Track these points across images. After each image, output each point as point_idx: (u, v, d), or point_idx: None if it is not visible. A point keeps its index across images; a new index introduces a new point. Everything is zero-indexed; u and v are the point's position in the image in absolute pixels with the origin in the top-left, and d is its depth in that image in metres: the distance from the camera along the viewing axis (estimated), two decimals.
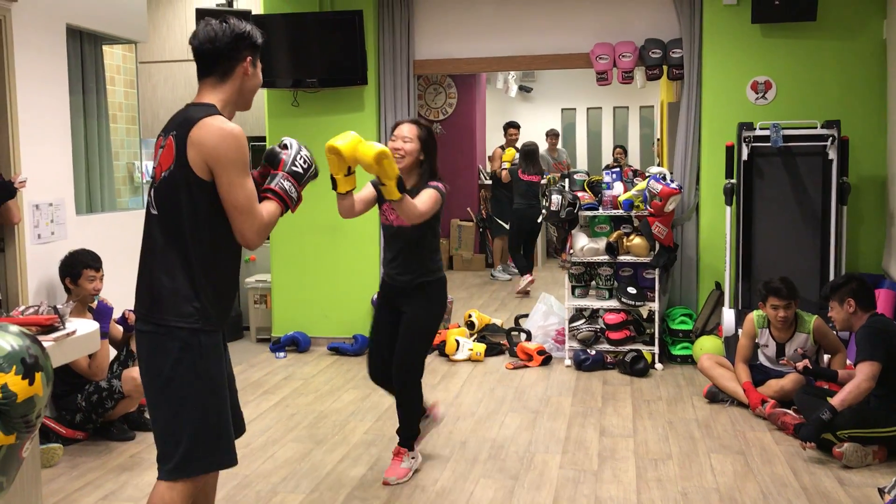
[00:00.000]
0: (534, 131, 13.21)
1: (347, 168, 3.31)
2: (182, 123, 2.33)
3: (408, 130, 3.67)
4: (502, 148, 9.65)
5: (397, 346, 3.72)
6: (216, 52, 2.39)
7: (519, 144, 9.88)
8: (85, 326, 1.92)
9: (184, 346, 2.29)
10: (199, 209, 2.32)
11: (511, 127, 9.85)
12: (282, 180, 2.44)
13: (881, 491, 3.44)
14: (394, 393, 3.89)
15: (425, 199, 3.52)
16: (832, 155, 5.37)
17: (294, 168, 2.48)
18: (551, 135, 11.08)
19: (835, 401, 3.96)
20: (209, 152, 2.27)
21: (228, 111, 2.42)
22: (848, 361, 4.71)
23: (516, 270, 9.18)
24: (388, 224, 3.73)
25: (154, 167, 2.43)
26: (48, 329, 1.96)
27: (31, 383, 1.48)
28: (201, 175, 2.29)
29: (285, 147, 2.52)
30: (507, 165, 9.21)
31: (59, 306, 1.78)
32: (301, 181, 2.50)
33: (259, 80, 2.51)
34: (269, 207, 2.41)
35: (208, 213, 2.32)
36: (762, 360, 4.90)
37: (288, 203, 2.45)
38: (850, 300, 4.18)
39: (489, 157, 10.71)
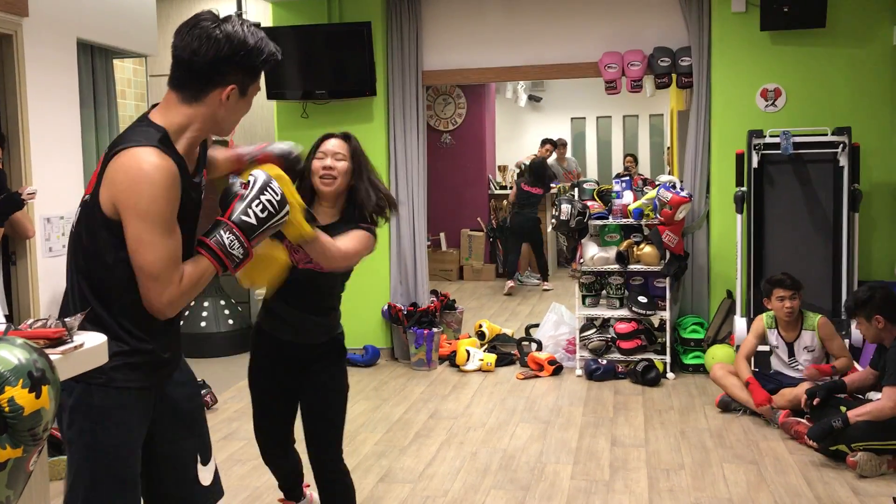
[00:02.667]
0: (541, 142, 13.23)
1: None
2: (112, 145, 1.89)
3: (339, 146, 2.78)
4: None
5: (314, 431, 2.91)
6: (191, 67, 1.88)
7: (553, 159, 10.68)
8: (93, 339, 1.90)
9: (75, 405, 1.91)
10: (103, 255, 1.88)
11: (548, 143, 10.60)
12: (222, 232, 1.89)
13: (895, 500, 3.41)
14: (293, 477, 3.27)
15: (351, 240, 2.65)
16: (843, 162, 5.34)
17: (244, 217, 1.91)
18: (560, 144, 11.08)
19: (851, 413, 3.94)
20: (119, 195, 1.81)
21: (187, 139, 1.92)
22: (856, 365, 4.68)
23: (539, 275, 9.59)
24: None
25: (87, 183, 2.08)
26: (56, 342, 1.95)
27: (37, 396, 1.48)
28: (111, 216, 1.84)
29: (246, 185, 1.97)
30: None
31: (67, 319, 1.77)
32: (252, 234, 1.93)
33: (244, 110, 2.00)
34: (194, 269, 1.89)
35: (115, 262, 1.88)
36: (776, 365, 4.87)
37: (225, 262, 1.90)
38: (877, 317, 4.12)
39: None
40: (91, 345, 1.86)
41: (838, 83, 5.66)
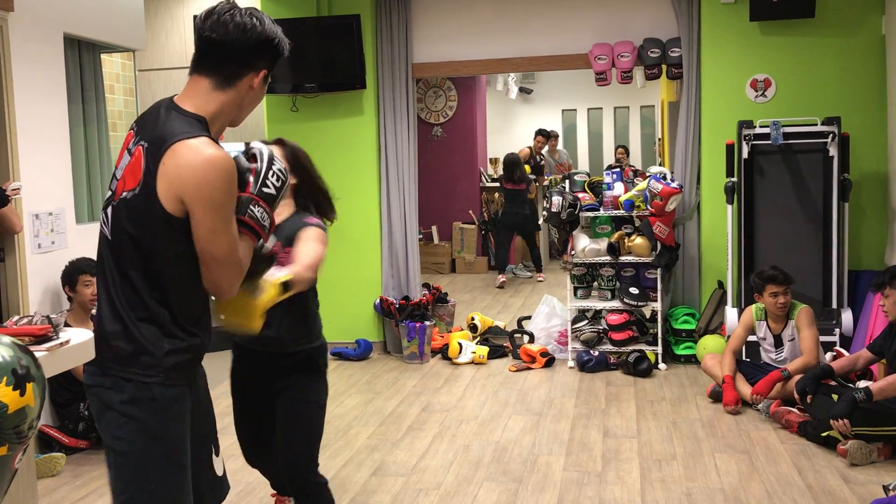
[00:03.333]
0: (534, 133, 13.22)
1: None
2: (156, 139, 1.85)
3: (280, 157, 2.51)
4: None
5: (285, 443, 2.85)
6: (228, 51, 1.88)
7: (545, 151, 10.77)
8: (80, 335, 1.89)
9: (132, 399, 1.90)
10: (164, 251, 1.87)
11: (540, 134, 10.62)
12: (252, 207, 1.92)
13: (886, 488, 3.42)
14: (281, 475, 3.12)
15: (311, 246, 2.66)
16: (833, 152, 5.35)
17: (265, 189, 1.95)
18: (552, 136, 11.08)
19: (874, 386, 3.92)
20: (187, 189, 1.79)
21: (218, 126, 1.94)
22: (843, 351, 4.69)
23: (533, 267, 9.74)
24: None
25: (116, 177, 1.94)
26: (41, 339, 1.94)
27: (22, 394, 1.47)
28: (172, 211, 1.82)
29: (253, 158, 1.98)
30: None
31: (52, 316, 1.76)
32: (274, 204, 1.98)
33: (263, 95, 2.03)
34: (245, 249, 1.94)
35: (175, 255, 1.87)
36: (765, 357, 4.89)
37: (261, 234, 1.97)
38: None
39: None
40: (77, 341, 1.86)
41: (827, 73, 5.67)
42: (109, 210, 1.93)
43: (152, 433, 1.89)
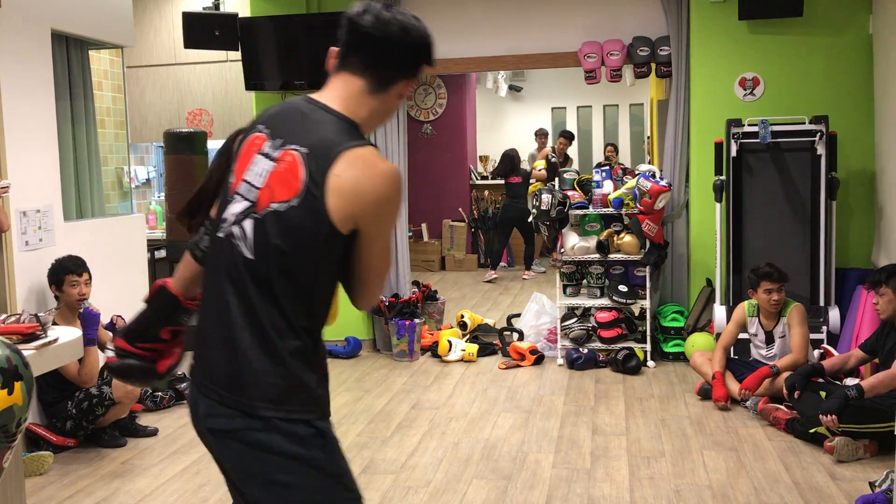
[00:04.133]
0: (525, 131, 13.23)
1: None
2: (318, 145, 1.64)
3: None
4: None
5: None
6: (388, 52, 1.70)
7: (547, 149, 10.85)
8: (67, 334, 1.88)
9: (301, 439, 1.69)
10: (319, 270, 1.67)
11: (562, 136, 10.78)
12: None
13: (872, 485, 3.45)
14: None
15: None
16: (820, 150, 5.38)
17: None
18: (540, 134, 11.10)
19: (865, 384, 3.94)
20: (365, 207, 1.61)
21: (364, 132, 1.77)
22: (832, 350, 4.72)
23: (543, 267, 9.80)
24: None
25: (254, 185, 1.68)
26: (29, 337, 1.93)
27: (9, 393, 1.46)
28: (340, 227, 1.62)
29: None
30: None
31: (40, 314, 1.74)
32: None
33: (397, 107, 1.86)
34: None
35: (328, 275, 1.70)
36: (755, 353, 4.92)
37: None
38: None
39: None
40: (65, 340, 1.85)
41: (815, 72, 5.70)
42: (248, 224, 1.66)
43: (325, 470, 1.72)
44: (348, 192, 1.59)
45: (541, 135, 11.11)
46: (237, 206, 1.70)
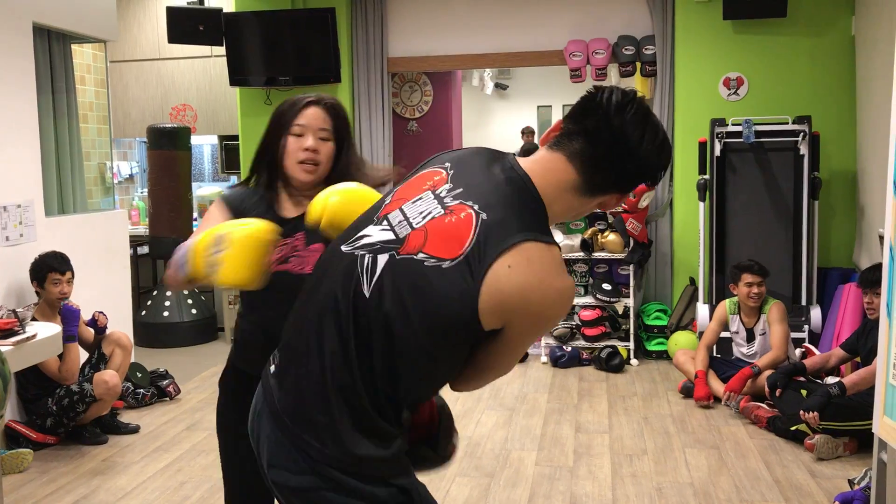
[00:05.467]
0: (510, 129, 13.25)
1: None
2: (501, 220, 1.38)
3: (324, 119, 2.05)
4: None
5: None
6: (627, 165, 1.44)
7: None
8: (46, 330, 1.85)
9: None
10: (436, 353, 1.43)
11: (527, 133, 10.83)
12: None
13: (851, 482, 3.48)
14: None
15: None
16: (803, 150, 5.41)
17: None
18: (527, 132, 11.12)
19: (846, 381, 3.97)
20: (523, 316, 1.38)
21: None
22: (813, 349, 4.75)
23: None
24: (291, 273, 2.01)
25: (410, 223, 1.43)
26: (7, 333, 1.90)
27: None
28: (484, 321, 1.38)
29: None
30: None
31: (18, 310, 1.72)
32: None
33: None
34: None
35: (440, 361, 1.46)
36: (736, 351, 4.94)
37: None
38: None
39: None
40: (44, 336, 1.82)
41: (799, 72, 5.73)
42: (383, 259, 1.41)
43: None
44: (512, 291, 1.34)
45: (527, 133, 11.13)
46: (381, 234, 1.45)
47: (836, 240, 5.74)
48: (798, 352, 4.93)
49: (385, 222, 1.46)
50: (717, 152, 5.54)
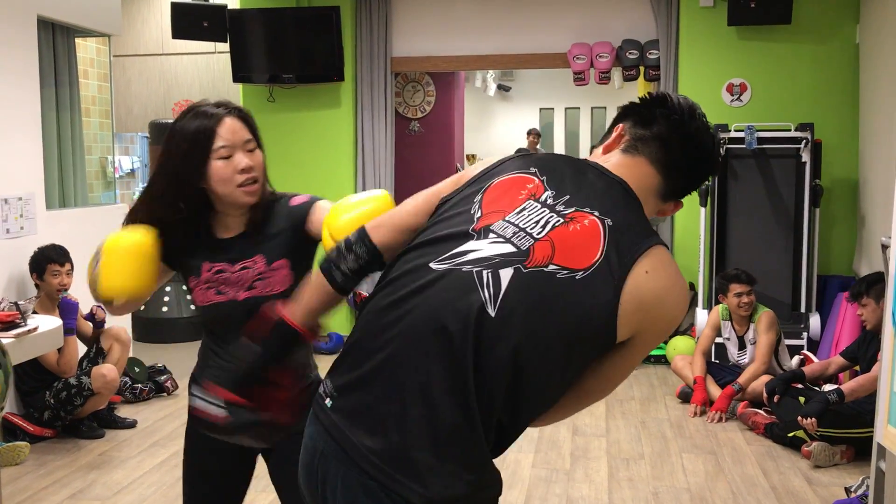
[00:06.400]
0: (512, 131, 13.26)
1: None
2: (625, 224, 1.34)
3: (242, 129, 1.86)
4: None
5: None
6: (694, 168, 1.46)
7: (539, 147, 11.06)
8: (48, 323, 1.85)
9: None
10: (568, 367, 1.34)
11: (532, 135, 10.92)
12: None
13: (848, 490, 3.48)
14: None
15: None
16: (805, 157, 5.41)
17: None
18: (532, 134, 11.16)
19: (845, 388, 3.97)
20: (658, 319, 1.34)
21: None
22: (812, 356, 4.75)
23: None
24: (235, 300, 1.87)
25: (526, 230, 1.33)
26: (9, 325, 1.90)
27: None
28: (619, 330, 1.32)
29: None
30: None
31: (20, 302, 1.71)
32: None
33: None
34: None
35: (564, 379, 1.36)
36: (730, 357, 4.95)
37: None
38: None
39: None
40: (45, 329, 1.82)
41: (802, 80, 5.73)
42: (507, 273, 1.28)
43: None
44: (651, 297, 1.30)
45: (533, 134, 11.16)
46: (494, 247, 1.31)
47: (836, 248, 5.74)
48: (796, 359, 4.93)
49: (493, 235, 1.33)
50: (720, 158, 5.54)
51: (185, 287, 1.84)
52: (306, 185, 6.42)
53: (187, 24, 6.08)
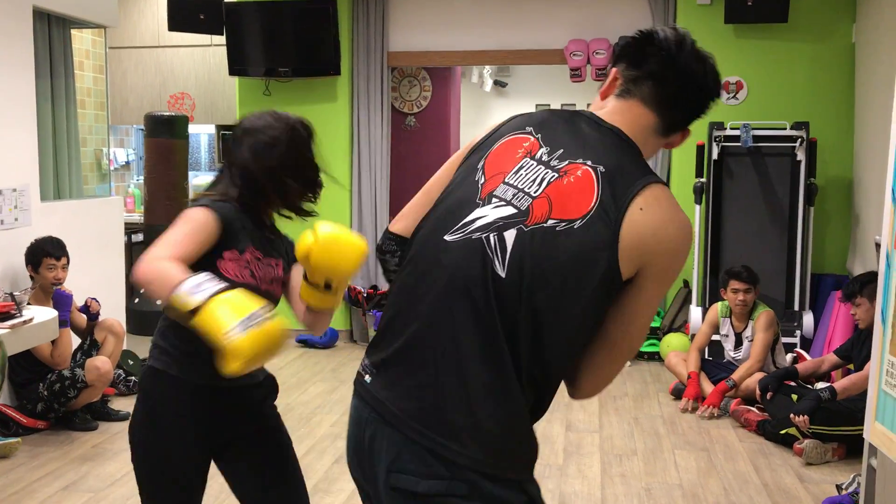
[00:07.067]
0: None
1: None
2: (617, 169, 1.40)
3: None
4: None
5: (287, 495, 2.20)
6: (691, 96, 1.49)
7: None
8: (43, 314, 1.84)
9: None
10: (581, 316, 1.38)
11: None
12: None
13: (839, 487, 3.50)
14: None
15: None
16: (800, 156, 5.42)
17: None
18: None
19: (837, 385, 3.99)
20: (658, 257, 1.38)
21: None
22: (805, 354, 4.77)
23: None
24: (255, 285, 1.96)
25: (524, 190, 1.41)
26: (4, 317, 1.89)
27: None
28: (623, 272, 1.37)
29: None
30: None
31: (15, 294, 1.71)
32: None
33: None
34: None
35: (583, 328, 1.41)
36: (726, 354, 4.96)
37: None
38: None
39: None
40: (40, 320, 1.81)
41: (798, 78, 5.74)
42: (510, 235, 1.37)
43: None
44: (647, 231, 1.35)
45: None
46: (497, 211, 1.40)
47: (830, 246, 5.75)
48: (789, 357, 4.95)
49: (495, 199, 1.42)
50: (715, 156, 5.55)
51: (207, 254, 1.88)
52: None
53: (184, 16, 6.07)
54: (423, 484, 1.35)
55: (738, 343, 4.85)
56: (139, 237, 6.84)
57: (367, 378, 1.47)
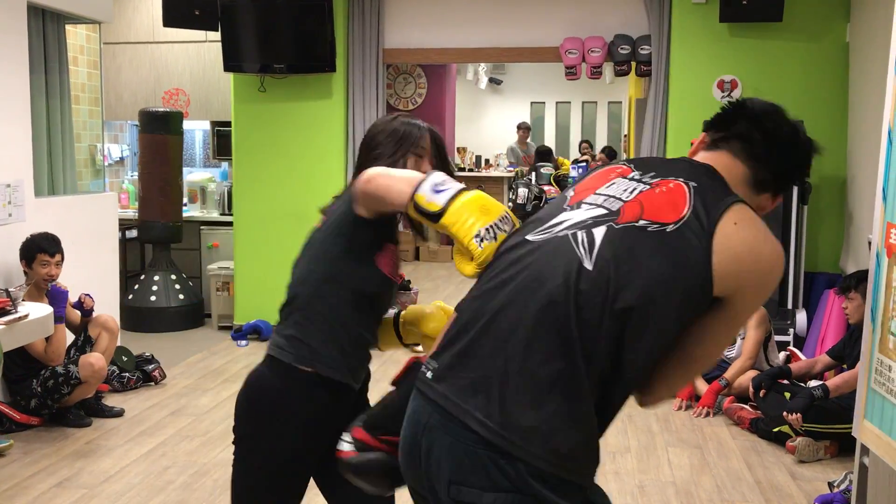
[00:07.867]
0: (503, 124, 13.27)
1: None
2: (707, 186, 1.42)
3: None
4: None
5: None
6: (780, 157, 1.53)
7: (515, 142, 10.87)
8: (38, 310, 1.84)
9: None
10: (665, 324, 1.37)
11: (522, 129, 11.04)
12: None
13: (831, 485, 3.51)
14: None
15: None
16: None
17: None
18: (522, 128, 11.16)
19: (830, 384, 4.01)
20: (752, 275, 1.37)
21: None
22: (798, 353, 4.79)
23: None
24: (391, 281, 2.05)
25: (615, 196, 1.42)
26: (0, 312, 1.89)
27: None
28: (715, 283, 1.35)
29: None
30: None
31: (10, 290, 1.70)
32: None
33: None
34: None
35: (664, 337, 1.39)
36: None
37: None
38: None
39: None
40: (35, 316, 1.81)
41: (792, 77, 5.76)
42: (600, 231, 1.36)
43: None
44: (743, 248, 1.34)
45: (523, 128, 11.17)
46: (588, 212, 1.41)
47: (823, 245, 5.78)
48: (782, 355, 4.97)
49: (585, 205, 1.43)
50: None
51: (361, 251, 1.91)
52: (297, 175, 6.41)
53: (179, 12, 6.05)
54: (487, 497, 1.33)
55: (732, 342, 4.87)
56: (133, 233, 6.82)
57: (429, 374, 1.45)
